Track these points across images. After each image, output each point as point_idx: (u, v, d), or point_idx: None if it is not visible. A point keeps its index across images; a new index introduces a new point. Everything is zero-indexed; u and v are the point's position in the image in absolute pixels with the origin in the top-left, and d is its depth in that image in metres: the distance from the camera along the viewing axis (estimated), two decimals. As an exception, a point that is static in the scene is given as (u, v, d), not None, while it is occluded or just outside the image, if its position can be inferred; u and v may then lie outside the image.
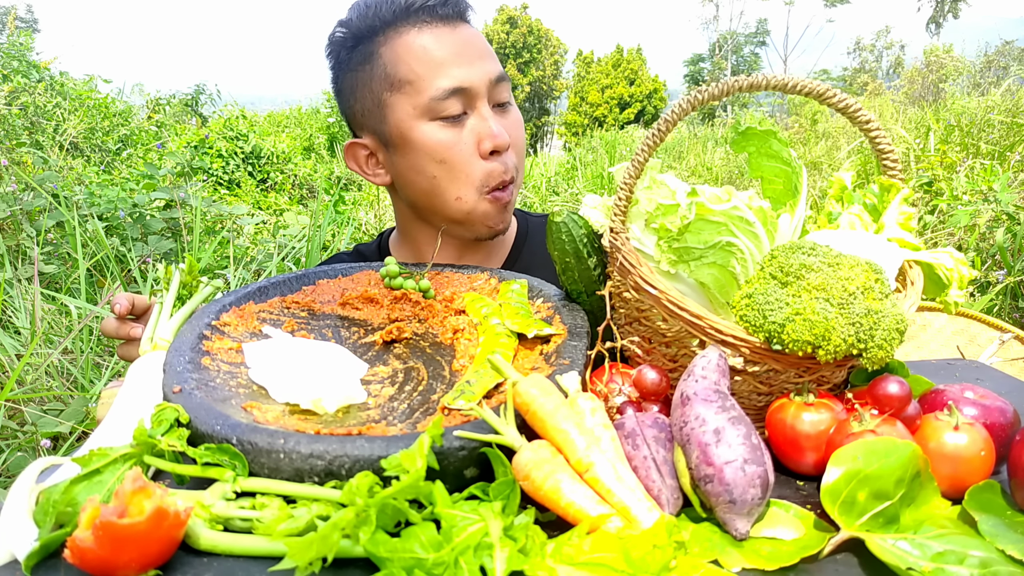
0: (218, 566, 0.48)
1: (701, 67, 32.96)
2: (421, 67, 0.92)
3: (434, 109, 0.93)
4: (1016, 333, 1.29)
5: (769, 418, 0.61)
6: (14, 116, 4.44)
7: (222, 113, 8.65)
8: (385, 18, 0.94)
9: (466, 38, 0.95)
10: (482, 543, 0.46)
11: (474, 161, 0.95)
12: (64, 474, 0.55)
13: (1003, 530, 0.48)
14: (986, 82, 10.44)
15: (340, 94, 1.04)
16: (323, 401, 0.63)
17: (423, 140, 0.94)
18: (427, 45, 0.93)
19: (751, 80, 0.64)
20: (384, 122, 0.97)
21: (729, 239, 0.65)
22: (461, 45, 0.94)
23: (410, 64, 0.93)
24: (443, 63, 0.92)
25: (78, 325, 2.13)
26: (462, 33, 0.95)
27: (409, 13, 0.94)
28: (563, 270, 0.78)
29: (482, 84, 0.94)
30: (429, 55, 0.92)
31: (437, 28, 0.94)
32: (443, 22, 0.95)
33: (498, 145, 0.94)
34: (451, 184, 0.95)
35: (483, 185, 0.96)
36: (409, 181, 0.99)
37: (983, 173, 3.52)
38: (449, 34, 0.94)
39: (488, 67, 0.95)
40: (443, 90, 0.92)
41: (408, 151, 0.96)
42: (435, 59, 0.92)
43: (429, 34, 0.93)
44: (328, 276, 0.91)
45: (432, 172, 0.95)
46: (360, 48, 0.97)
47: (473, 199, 0.96)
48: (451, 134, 0.94)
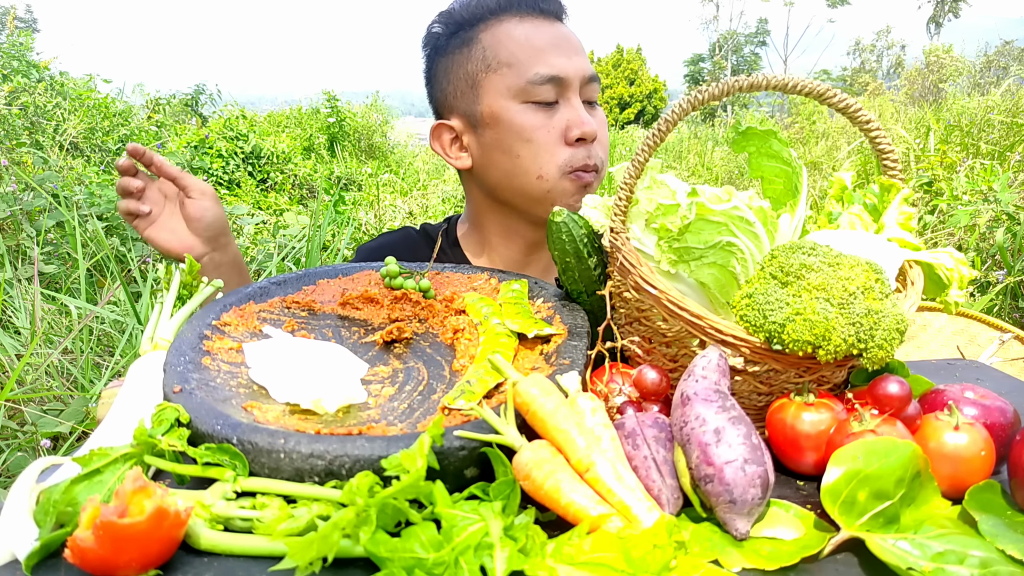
0: (218, 566, 0.48)
1: (701, 67, 32.96)
2: (521, 52, 0.99)
3: (529, 92, 0.98)
4: (1016, 333, 1.29)
5: (769, 418, 0.61)
6: (14, 116, 4.44)
7: (222, 113, 8.65)
8: (490, 7, 1.02)
9: (564, 34, 1.03)
10: (482, 543, 0.46)
11: (559, 145, 1.00)
12: (64, 474, 0.55)
13: (1003, 530, 0.48)
14: (986, 82, 10.44)
15: (432, 79, 1.10)
16: (323, 401, 0.63)
17: (513, 119, 0.99)
18: (528, 34, 1.00)
19: (751, 80, 0.64)
20: (477, 101, 1.02)
21: (729, 239, 0.65)
22: (560, 39, 1.01)
23: (511, 48, 0.99)
24: (542, 51, 0.99)
25: (78, 325, 2.13)
26: (560, 29, 1.03)
27: (512, 4, 1.01)
28: (563, 270, 0.78)
29: (576, 77, 0.99)
30: (530, 42, 0.99)
31: (537, 20, 1.01)
32: (543, 17, 1.02)
33: (585, 133, 0.99)
34: (534, 163, 1.00)
35: (566, 165, 1.00)
36: (493, 160, 1.03)
37: (983, 173, 3.52)
38: (548, 27, 1.01)
39: (582, 63, 1.01)
40: (540, 76, 0.97)
41: (497, 129, 1.01)
42: (535, 46, 0.99)
43: (531, 24, 1.01)
44: (328, 276, 0.91)
45: (517, 151, 1.00)
46: (460, 34, 1.04)
47: (555, 178, 1.00)
48: (541, 117, 0.99)
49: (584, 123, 0.99)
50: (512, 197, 1.05)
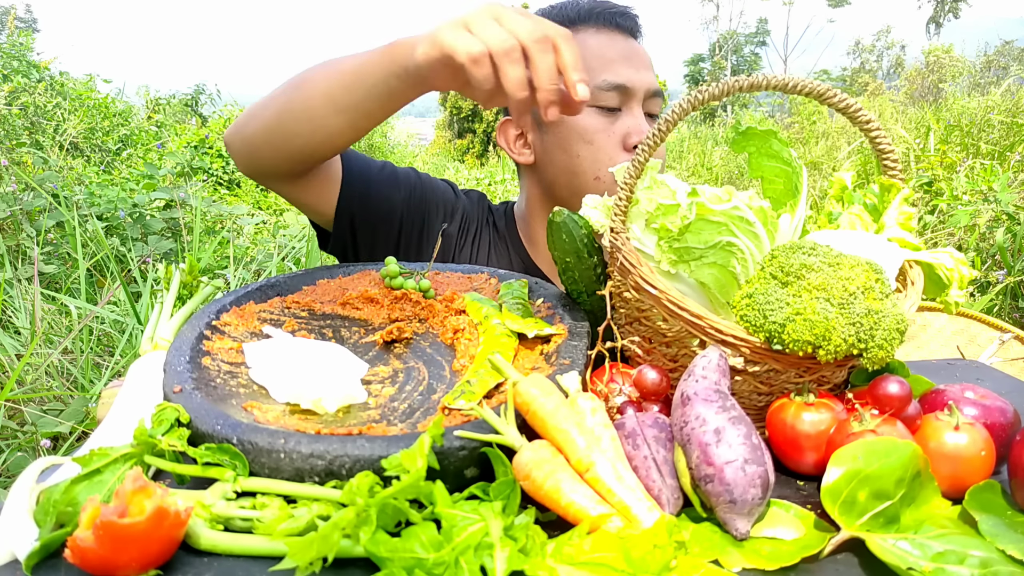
0: (218, 566, 0.48)
1: (701, 67, 32.95)
2: (593, 60, 1.03)
3: (594, 97, 1.02)
4: (1016, 333, 1.29)
5: (769, 418, 0.61)
6: (14, 116, 4.44)
7: (222, 113, 8.65)
8: (570, 16, 1.07)
9: (635, 48, 1.07)
10: (482, 543, 0.46)
11: (618, 150, 1.04)
12: (64, 474, 0.55)
13: (1003, 530, 0.48)
14: (986, 82, 10.44)
15: None
16: (323, 401, 0.63)
17: (576, 122, 1.03)
18: (601, 44, 1.05)
19: (751, 80, 0.64)
20: None
21: (729, 239, 0.65)
22: (630, 52, 1.06)
23: (584, 56, 1.04)
24: (612, 61, 1.03)
25: (78, 325, 2.13)
26: (632, 44, 1.08)
27: (591, 16, 1.07)
28: (563, 270, 0.78)
29: (640, 89, 1.04)
30: (602, 51, 1.04)
31: (612, 33, 1.06)
32: (618, 31, 1.07)
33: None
34: (593, 164, 1.05)
35: None
36: (554, 159, 1.08)
37: (983, 173, 3.52)
38: (621, 41, 1.06)
39: (648, 78, 1.06)
40: (607, 83, 1.02)
41: (560, 130, 1.05)
42: (606, 56, 1.03)
43: (605, 36, 1.06)
44: (328, 276, 0.91)
45: (578, 151, 1.05)
46: None
47: (611, 181, 1.04)
48: (603, 122, 1.04)
49: (643, 131, 1.03)
50: (569, 196, 1.09)
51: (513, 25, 0.66)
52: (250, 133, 0.89)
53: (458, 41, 0.67)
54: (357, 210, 1.05)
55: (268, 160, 0.91)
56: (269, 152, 0.89)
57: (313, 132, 0.85)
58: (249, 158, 0.91)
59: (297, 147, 0.87)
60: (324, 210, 1.04)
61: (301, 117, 0.84)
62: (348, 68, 0.81)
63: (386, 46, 0.78)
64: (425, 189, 1.13)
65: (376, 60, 0.79)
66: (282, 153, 0.89)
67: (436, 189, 1.16)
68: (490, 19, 0.67)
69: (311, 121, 0.84)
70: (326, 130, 0.84)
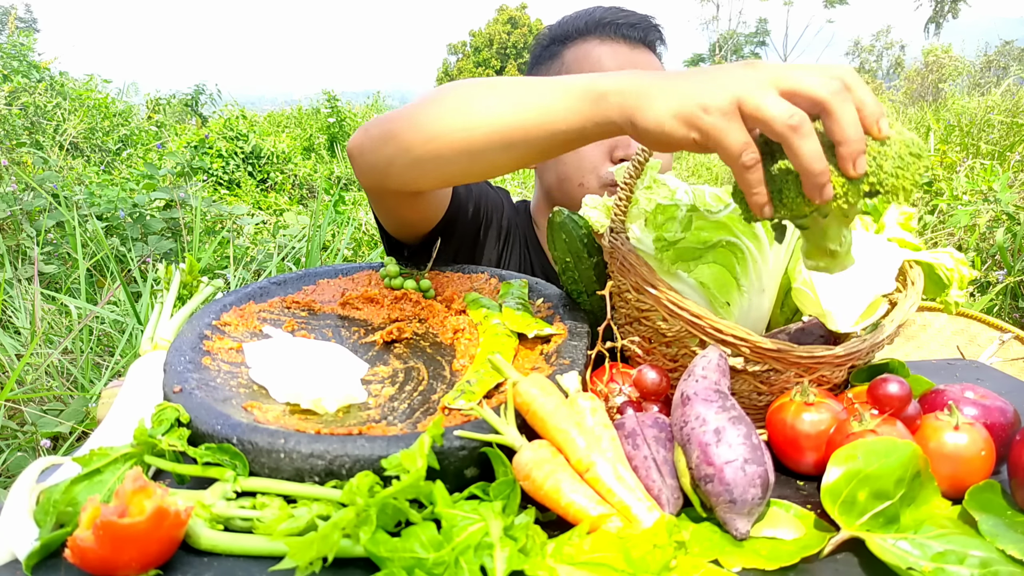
0: (218, 566, 0.48)
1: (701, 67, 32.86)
2: (591, 70, 1.03)
3: None
4: (1016, 333, 1.29)
5: (769, 418, 0.61)
6: (14, 116, 4.44)
7: (222, 113, 8.65)
8: (579, 27, 1.08)
9: (640, 60, 1.06)
10: (482, 543, 0.46)
11: (604, 160, 1.06)
12: (64, 474, 0.55)
13: (1003, 530, 0.48)
14: (986, 82, 10.43)
15: None
16: (323, 401, 0.63)
17: None
18: (602, 56, 1.05)
19: (751, 80, 0.64)
20: None
21: (729, 239, 0.65)
22: (630, 64, 1.05)
23: (583, 66, 1.05)
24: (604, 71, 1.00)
25: (78, 325, 2.13)
26: (637, 55, 1.06)
27: (599, 27, 1.07)
28: (563, 270, 0.78)
29: None
30: (600, 64, 1.04)
31: (617, 45, 1.06)
32: (625, 41, 1.06)
33: (628, 155, 1.05)
34: (577, 171, 1.07)
35: (606, 179, 1.07)
36: (548, 165, 1.12)
37: (983, 173, 3.52)
38: (625, 52, 1.06)
39: None
40: None
41: None
42: (604, 67, 1.03)
43: (608, 48, 1.06)
44: (328, 276, 0.91)
45: (566, 158, 1.07)
46: (551, 47, 1.12)
47: (594, 188, 1.07)
48: None
49: (629, 145, 1.05)
50: (560, 199, 1.12)
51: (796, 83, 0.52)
52: (390, 153, 0.76)
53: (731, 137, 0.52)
54: (443, 227, 0.99)
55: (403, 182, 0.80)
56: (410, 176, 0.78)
57: (472, 164, 0.72)
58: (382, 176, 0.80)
59: (444, 175, 0.76)
60: (422, 226, 0.96)
61: (460, 148, 0.71)
62: (531, 104, 0.67)
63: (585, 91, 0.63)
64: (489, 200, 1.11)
65: (574, 108, 0.63)
66: (424, 179, 0.78)
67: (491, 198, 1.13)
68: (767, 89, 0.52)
69: (471, 155, 0.71)
70: (489, 164, 0.72)
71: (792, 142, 0.50)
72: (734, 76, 0.53)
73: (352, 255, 3.81)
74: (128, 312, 2.32)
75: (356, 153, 0.81)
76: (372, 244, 4.08)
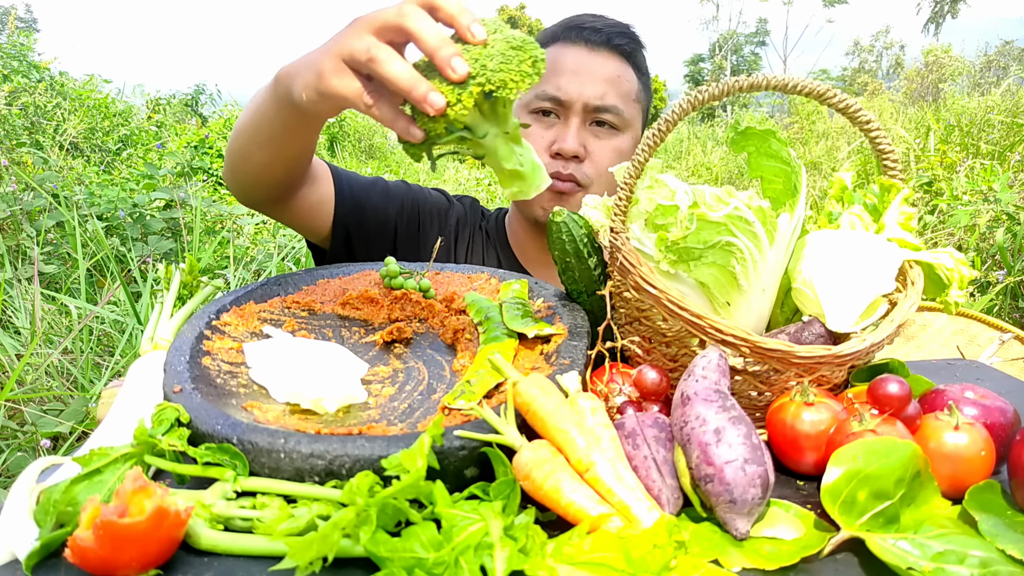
0: (218, 566, 0.48)
1: (701, 67, 32.94)
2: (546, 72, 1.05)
3: (530, 104, 1.12)
4: (1016, 333, 1.29)
5: (769, 418, 0.61)
6: (14, 116, 4.44)
7: (222, 113, 8.64)
8: (556, 32, 1.14)
9: (593, 63, 1.10)
10: (482, 543, 0.46)
11: (543, 153, 1.10)
12: (64, 474, 0.55)
13: (1003, 530, 0.48)
14: (986, 82, 10.44)
15: None
16: (324, 401, 0.63)
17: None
18: (560, 57, 1.10)
19: (751, 80, 0.64)
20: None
21: (729, 239, 0.65)
22: (583, 66, 1.09)
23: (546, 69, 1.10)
24: (559, 74, 1.09)
25: (78, 325, 2.13)
26: (594, 58, 1.11)
27: (570, 32, 1.13)
28: (563, 270, 0.78)
29: (577, 101, 1.08)
30: (556, 65, 1.10)
31: (578, 48, 1.11)
32: (587, 45, 1.11)
33: (561, 150, 1.09)
34: None
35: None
36: None
37: (983, 173, 3.52)
38: (584, 56, 1.10)
39: (592, 92, 1.09)
40: (545, 93, 1.10)
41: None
42: (557, 69, 1.09)
43: (570, 51, 1.11)
44: (328, 276, 0.91)
45: None
46: None
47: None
48: (538, 127, 1.11)
49: (565, 141, 1.08)
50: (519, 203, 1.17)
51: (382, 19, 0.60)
52: (225, 174, 0.95)
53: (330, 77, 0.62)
54: (352, 226, 1.09)
55: (244, 190, 0.95)
56: (238, 184, 0.94)
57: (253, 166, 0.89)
58: (233, 190, 0.97)
59: (250, 179, 0.92)
60: (319, 228, 1.08)
61: (238, 154, 0.89)
62: (252, 104, 0.84)
63: (272, 80, 0.77)
64: (417, 198, 1.19)
65: (267, 96, 0.79)
66: (247, 184, 0.93)
67: (428, 198, 1.21)
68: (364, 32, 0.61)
69: (244, 158, 0.89)
70: (256, 163, 0.88)
71: (377, 71, 0.57)
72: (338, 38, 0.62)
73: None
74: (128, 312, 2.32)
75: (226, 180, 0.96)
76: (372, 244, 4.06)
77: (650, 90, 1.21)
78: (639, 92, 1.15)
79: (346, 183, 1.09)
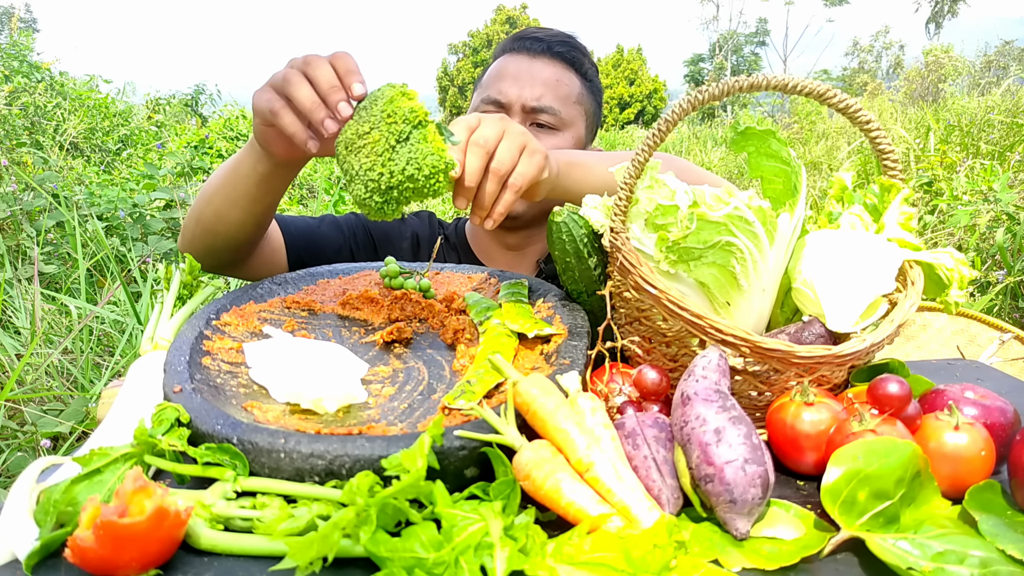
0: (219, 565, 0.48)
1: (701, 67, 32.95)
2: (490, 79, 1.20)
3: (477, 108, 1.19)
4: (1016, 333, 1.29)
5: (769, 418, 0.61)
6: (14, 116, 4.44)
7: (222, 113, 8.64)
8: (505, 46, 1.24)
9: (533, 68, 1.18)
10: (482, 543, 0.46)
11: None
12: (65, 474, 0.55)
13: (1003, 530, 0.48)
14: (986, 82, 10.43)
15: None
16: (324, 401, 0.63)
17: None
18: (504, 65, 1.19)
19: (751, 80, 0.64)
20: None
21: (729, 239, 0.65)
22: (523, 71, 1.17)
23: (489, 75, 1.21)
24: (501, 79, 1.17)
25: (78, 325, 2.13)
26: (535, 64, 1.19)
27: (514, 43, 1.22)
28: (563, 270, 0.78)
29: (516, 103, 1.15)
30: (498, 72, 1.19)
31: (519, 56, 1.19)
32: (528, 53, 1.19)
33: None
34: None
35: None
36: None
37: (983, 173, 3.52)
38: (524, 62, 1.18)
39: (529, 94, 1.15)
40: (488, 97, 1.17)
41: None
42: (499, 75, 1.18)
43: (512, 59, 1.19)
44: (328, 276, 0.91)
45: None
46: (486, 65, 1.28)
47: None
48: None
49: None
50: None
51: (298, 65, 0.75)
52: (187, 241, 0.98)
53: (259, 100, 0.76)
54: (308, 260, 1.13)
55: (213, 253, 0.98)
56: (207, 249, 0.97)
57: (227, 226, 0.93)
58: (200, 256, 0.98)
59: (220, 242, 0.95)
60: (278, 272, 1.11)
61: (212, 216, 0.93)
62: (229, 165, 0.91)
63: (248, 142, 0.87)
64: (367, 223, 1.25)
65: (243, 154, 0.87)
66: (216, 247, 0.97)
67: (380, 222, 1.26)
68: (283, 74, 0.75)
69: (218, 219, 0.93)
70: (230, 223, 0.92)
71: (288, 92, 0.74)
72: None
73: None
74: (128, 312, 2.32)
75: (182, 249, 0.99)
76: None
77: (597, 94, 1.27)
78: (580, 95, 1.21)
79: (292, 226, 1.14)
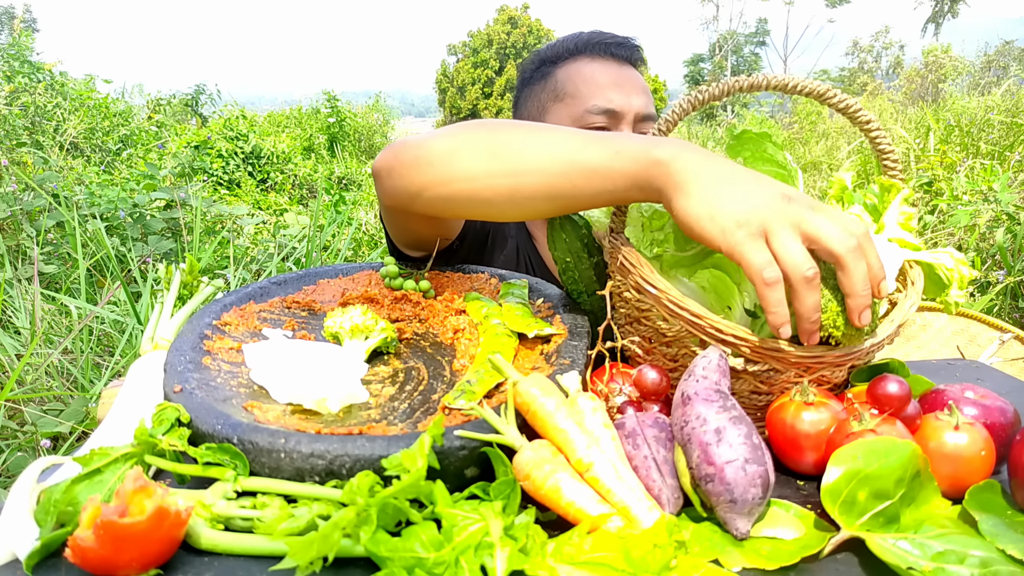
0: (219, 565, 0.48)
1: (701, 67, 32.95)
2: (585, 87, 1.11)
3: (583, 120, 1.09)
4: (1016, 333, 1.29)
5: (769, 418, 0.61)
6: (14, 116, 4.44)
7: (222, 113, 8.65)
8: (569, 48, 1.15)
9: (628, 75, 1.13)
10: (483, 542, 0.46)
11: None
12: (65, 473, 0.55)
13: (1003, 530, 0.48)
14: (986, 82, 10.43)
15: (516, 104, 1.26)
16: (324, 401, 0.63)
17: None
18: (595, 72, 1.12)
19: (751, 80, 0.65)
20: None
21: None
22: (622, 78, 1.12)
23: (576, 83, 1.12)
24: (603, 87, 1.10)
25: (78, 325, 2.13)
26: (626, 71, 1.14)
27: (589, 47, 1.14)
28: (563, 270, 0.78)
29: (629, 112, 1.10)
30: (595, 79, 1.11)
31: (607, 62, 1.13)
32: (614, 59, 1.14)
33: None
34: None
35: None
36: None
37: (983, 173, 3.53)
38: (615, 69, 1.13)
39: (639, 103, 1.10)
40: (597, 107, 1.08)
41: None
42: (598, 83, 1.10)
43: (600, 64, 1.13)
44: (328, 276, 0.91)
45: None
46: (542, 68, 1.19)
47: None
48: None
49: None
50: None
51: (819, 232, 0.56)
52: (423, 182, 0.75)
53: (755, 256, 0.56)
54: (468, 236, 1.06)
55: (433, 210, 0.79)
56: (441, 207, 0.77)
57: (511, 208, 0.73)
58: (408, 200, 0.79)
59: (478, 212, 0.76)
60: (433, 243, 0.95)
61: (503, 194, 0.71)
62: (581, 161, 0.67)
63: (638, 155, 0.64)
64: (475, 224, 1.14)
65: (625, 170, 0.65)
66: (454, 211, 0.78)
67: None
68: (792, 230, 0.56)
69: (513, 201, 0.72)
70: (530, 211, 0.73)
71: (801, 293, 0.56)
72: (770, 204, 0.58)
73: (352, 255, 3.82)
74: (128, 312, 2.32)
75: (384, 174, 0.79)
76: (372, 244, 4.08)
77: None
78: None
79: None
